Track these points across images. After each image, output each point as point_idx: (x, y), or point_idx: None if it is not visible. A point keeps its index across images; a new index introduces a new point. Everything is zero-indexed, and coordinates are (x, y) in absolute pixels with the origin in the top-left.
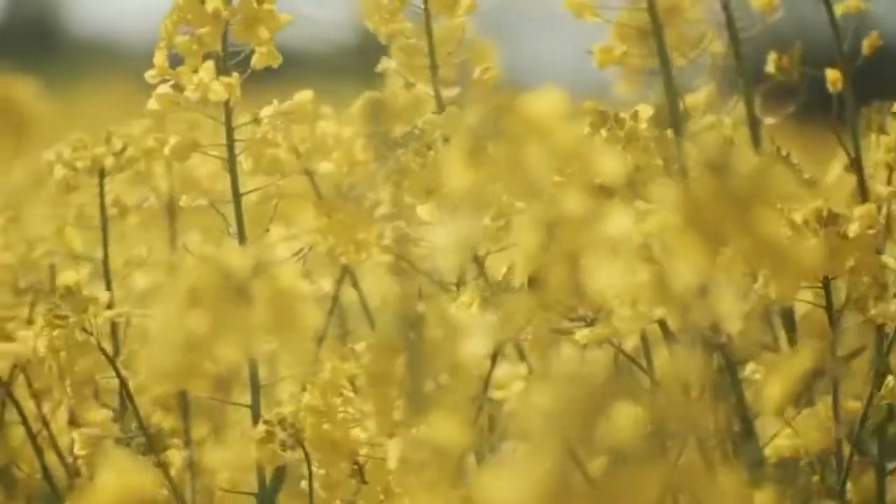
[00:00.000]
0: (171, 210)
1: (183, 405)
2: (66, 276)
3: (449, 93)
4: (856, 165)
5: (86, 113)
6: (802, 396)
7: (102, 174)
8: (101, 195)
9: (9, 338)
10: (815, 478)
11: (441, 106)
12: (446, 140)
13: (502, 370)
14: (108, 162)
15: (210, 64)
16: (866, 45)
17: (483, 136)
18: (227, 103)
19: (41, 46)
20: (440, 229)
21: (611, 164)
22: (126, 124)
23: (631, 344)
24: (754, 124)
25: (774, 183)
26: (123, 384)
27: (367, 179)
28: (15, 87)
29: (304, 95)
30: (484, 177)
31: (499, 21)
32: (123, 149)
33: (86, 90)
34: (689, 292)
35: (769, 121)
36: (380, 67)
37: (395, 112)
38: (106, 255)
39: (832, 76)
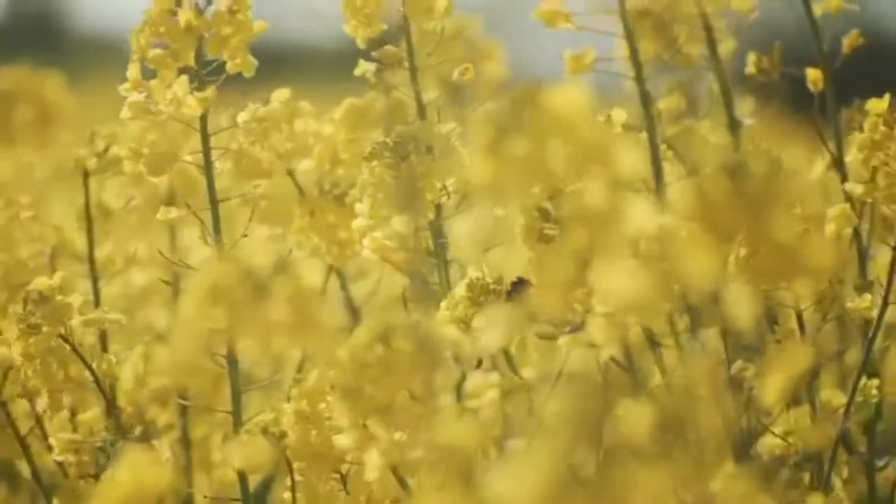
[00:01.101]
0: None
1: (181, 404)
2: (40, 282)
3: (428, 96)
4: (838, 164)
5: (88, 110)
6: (792, 395)
7: (87, 175)
8: (86, 196)
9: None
10: (806, 475)
11: (422, 110)
12: (427, 150)
13: (475, 379)
14: (91, 164)
15: (184, 79)
16: (846, 44)
17: (504, 130)
18: (202, 115)
19: (43, 43)
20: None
21: (632, 159)
22: (115, 124)
23: (612, 350)
24: (734, 125)
25: (787, 185)
26: (100, 388)
27: (348, 177)
28: (42, 81)
29: (282, 94)
30: (504, 171)
31: (501, 19)
32: (106, 149)
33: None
34: (698, 291)
35: (748, 122)
36: (358, 72)
37: (375, 118)
38: (91, 255)
39: (813, 75)
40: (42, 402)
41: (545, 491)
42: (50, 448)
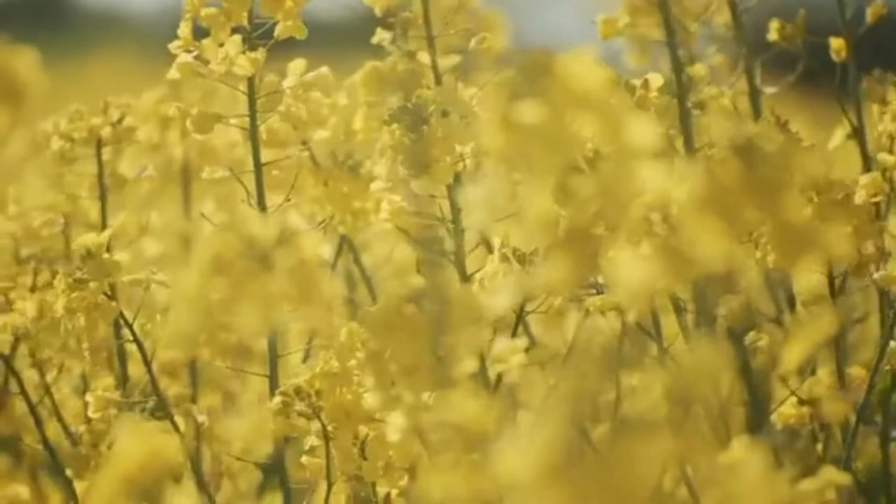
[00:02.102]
0: (186, 178)
1: (192, 373)
2: (87, 239)
3: (447, 62)
4: (858, 134)
5: (93, 84)
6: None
7: (100, 145)
8: (99, 166)
9: (9, 307)
10: (819, 445)
11: (438, 77)
12: (444, 114)
13: (501, 344)
14: (106, 133)
15: (237, 38)
16: (870, 14)
17: (519, 98)
18: (251, 77)
19: (48, 19)
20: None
21: (647, 130)
22: (130, 94)
23: (638, 313)
24: (755, 94)
25: (798, 163)
26: (140, 348)
27: (364, 148)
28: (13, 57)
29: (297, 65)
30: (518, 139)
31: None
32: (121, 119)
33: (93, 62)
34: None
35: (769, 90)
36: (375, 39)
37: (394, 83)
38: (104, 226)
39: (836, 44)
40: (57, 366)
41: (554, 465)
42: (59, 418)
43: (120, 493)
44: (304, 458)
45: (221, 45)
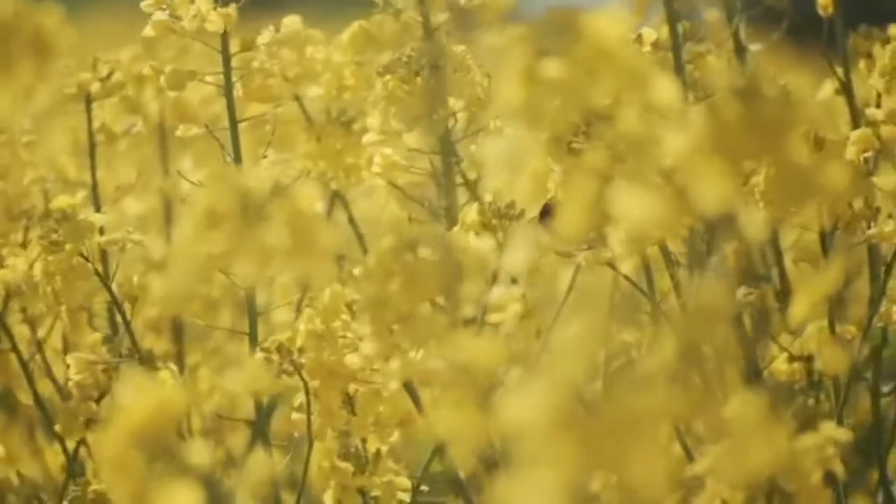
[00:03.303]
0: (162, 135)
1: (177, 330)
2: (61, 200)
3: (437, 19)
4: (846, 90)
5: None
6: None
7: (89, 100)
8: (89, 121)
9: (1, 264)
10: (811, 400)
11: (430, 32)
12: (433, 68)
13: (498, 293)
14: (95, 88)
15: None
16: None
17: (541, 52)
18: (224, 32)
19: None
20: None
21: (668, 86)
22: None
23: (629, 267)
24: (741, 50)
25: (801, 108)
26: (119, 308)
27: (356, 104)
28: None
29: (293, 21)
30: (539, 93)
31: None
32: (110, 75)
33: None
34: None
35: (755, 47)
36: None
37: (383, 41)
38: (94, 181)
39: (823, 0)
40: (48, 323)
41: (557, 416)
42: (50, 375)
43: (128, 447)
44: (293, 415)
45: (192, 1)
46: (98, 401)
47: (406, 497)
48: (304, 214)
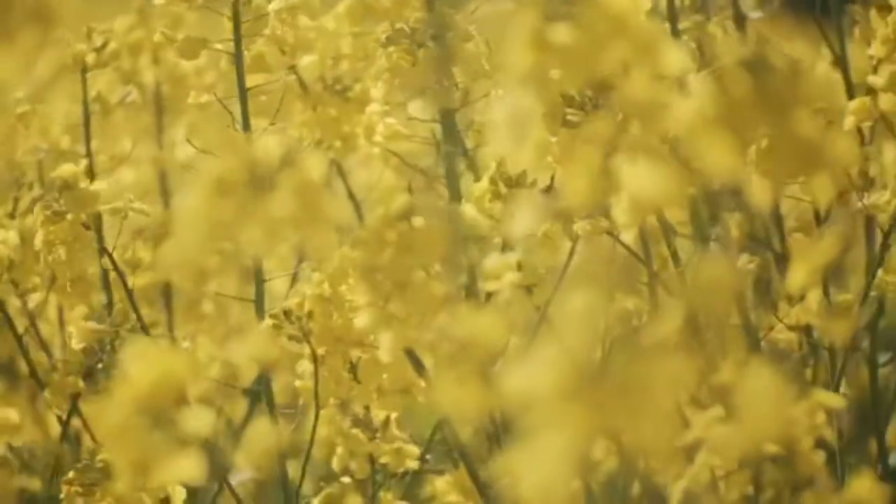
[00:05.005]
0: (158, 105)
1: (167, 299)
2: (64, 170)
3: None
4: (841, 61)
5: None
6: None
7: (84, 70)
8: (84, 91)
9: None
10: (808, 370)
11: (429, 3)
12: (434, 38)
13: (494, 260)
14: (90, 58)
15: None
16: None
17: (550, 18)
18: (234, 0)
19: None
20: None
21: (678, 55)
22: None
23: (630, 237)
24: (740, 19)
25: (809, 80)
26: (121, 277)
27: (352, 72)
28: None
29: None
30: (546, 59)
31: None
32: (104, 45)
33: None
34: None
35: (755, 15)
36: None
37: (381, 11)
38: (89, 151)
39: None
40: (41, 295)
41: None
42: (44, 347)
43: (131, 414)
44: (297, 383)
45: None
46: (91, 372)
47: (414, 464)
48: (311, 184)
